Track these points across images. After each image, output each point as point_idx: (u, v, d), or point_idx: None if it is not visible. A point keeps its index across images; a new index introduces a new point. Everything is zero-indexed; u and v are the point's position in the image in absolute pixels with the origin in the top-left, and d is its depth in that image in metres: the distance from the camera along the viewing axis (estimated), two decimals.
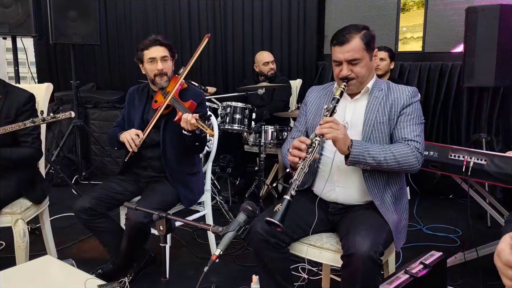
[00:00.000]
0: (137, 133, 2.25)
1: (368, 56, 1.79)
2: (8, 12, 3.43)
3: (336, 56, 1.80)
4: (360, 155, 1.65)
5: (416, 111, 1.80)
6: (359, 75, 1.79)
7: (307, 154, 1.62)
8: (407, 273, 1.77)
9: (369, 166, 1.69)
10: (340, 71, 1.79)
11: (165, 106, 2.26)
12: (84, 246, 2.90)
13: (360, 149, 1.66)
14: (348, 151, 1.65)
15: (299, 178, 1.58)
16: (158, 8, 4.95)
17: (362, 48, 1.76)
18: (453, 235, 3.09)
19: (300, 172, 1.59)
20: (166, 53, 2.34)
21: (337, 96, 1.75)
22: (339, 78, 1.81)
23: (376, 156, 1.66)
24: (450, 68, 3.98)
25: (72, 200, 3.69)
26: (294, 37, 4.61)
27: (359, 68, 1.78)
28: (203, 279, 1.34)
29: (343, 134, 1.64)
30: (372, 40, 1.80)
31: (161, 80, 2.34)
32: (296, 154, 1.64)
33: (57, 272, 1.69)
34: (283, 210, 1.50)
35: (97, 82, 5.29)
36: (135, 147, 2.23)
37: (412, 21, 4.29)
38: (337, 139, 1.63)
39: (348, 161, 1.66)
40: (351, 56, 1.75)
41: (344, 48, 1.76)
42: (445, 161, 2.31)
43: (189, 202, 2.41)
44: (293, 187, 1.55)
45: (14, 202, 2.23)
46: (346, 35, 1.76)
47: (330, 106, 1.72)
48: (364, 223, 1.66)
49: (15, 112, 2.26)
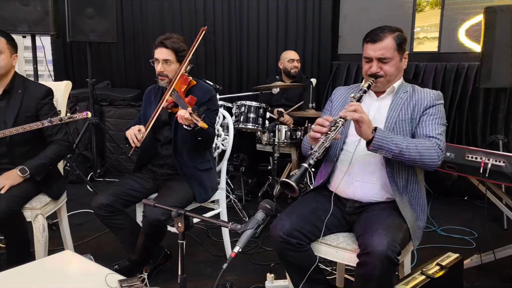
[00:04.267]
0: (139, 128, 2.26)
1: (398, 56, 1.83)
2: (28, 10, 3.48)
3: (367, 53, 1.84)
4: (383, 140, 1.67)
5: (440, 113, 1.82)
6: (388, 74, 1.83)
7: (330, 132, 1.64)
8: (423, 274, 1.77)
9: (390, 154, 1.69)
10: (370, 67, 1.84)
11: (167, 102, 2.27)
12: (99, 242, 2.94)
13: (384, 135, 1.68)
14: (371, 135, 1.67)
15: (319, 150, 1.61)
16: (174, 7, 4.98)
17: (394, 48, 1.81)
18: (468, 237, 3.06)
19: (321, 145, 1.62)
20: (170, 57, 2.33)
21: (364, 87, 1.79)
22: (368, 75, 1.85)
23: (399, 144, 1.68)
24: (467, 69, 3.94)
25: (87, 197, 3.75)
26: (309, 37, 4.60)
27: (388, 67, 1.82)
28: (221, 276, 1.35)
29: (367, 117, 1.67)
30: (404, 42, 1.85)
31: (161, 81, 2.36)
32: (318, 129, 1.68)
33: (78, 266, 1.72)
34: (299, 175, 1.54)
35: (112, 80, 5.34)
36: (138, 142, 2.24)
37: (427, 21, 4.25)
38: (362, 120, 1.65)
39: (371, 145, 1.67)
40: (382, 54, 1.80)
41: (376, 45, 1.81)
42: (462, 162, 2.29)
43: (202, 198, 2.42)
44: (312, 157, 1.59)
45: (33, 198, 2.26)
46: (380, 34, 1.81)
47: (357, 95, 1.77)
48: (381, 222, 1.66)
49: (34, 107, 2.30)
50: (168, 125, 2.40)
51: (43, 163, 2.24)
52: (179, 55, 2.35)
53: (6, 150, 2.26)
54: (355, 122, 1.68)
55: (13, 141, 2.25)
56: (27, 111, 2.28)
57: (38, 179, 2.23)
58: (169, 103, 2.29)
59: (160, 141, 2.44)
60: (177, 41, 2.35)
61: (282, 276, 2.26)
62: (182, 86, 2.34)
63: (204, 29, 2.30)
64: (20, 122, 2.22)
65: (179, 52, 2.34)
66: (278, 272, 2.31)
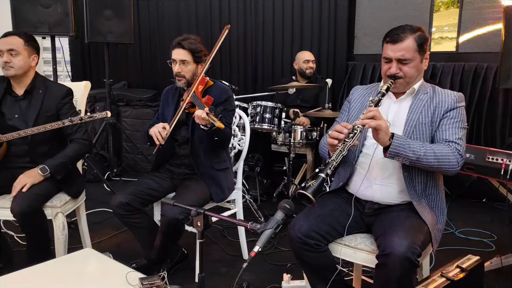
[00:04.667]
0: (164, 126, 2.28)
1: (419, 57, 1.79)
2: (48, 12, 3.54)
3: (387, 54, 1.80)
4: (400, 147, 1.65)
5: (460, 116, 1.78)
6: (407, 75, 1.79)
7: (348, 139, 1.64)
8: (443, 276, 1.75)
9: (408, 161, 1.68)
10: (389, 68, 1.80)
11: (186, 103, 2.29)
12: (116, 241, 2.97)
13: (401, 142, 1.66)
14: (389, 142, 1.65)
15: (336, 159, 1.61)
16: (190, 8, 5.01)
17: (414, 49, 1.76)
18: (487, 239, 3.02)
19: (339, 154, 1.62)
20: (187, 57, 2.34)
21: (383, 90, 1.76)
22: (387, 76, 1.81)
23: (416, 151, 1.66)
24: (485, 69, 3.88)
25: (104, 196, 3.79)
26: (325, 37, 4.59)
27: (408, 68, 1.78)
28: (240, 276, 1.35)
29: (385, 124, 1.65)
30: (425, 42, 1.80)
31: (179, 82, 2.38)
32: (335, 136, 1.67)
33: (98, 264, 1.74)
34: (317, 185, 1.54)
35: (128, 81, 5.40)
36: (162, 139, 2.26)
37: (445, 20, 4.20)
38: (380, 128, 1.63)
39: (388, 152, 1.66)
40: (402, 55, 1.76)
41: (396, 46, 1.76)
42: (482, 164, 2.27)
43: (219, 198, 2.43)
44: (330, 166, 1.59)
45: (54, 196, 2.30)
46: (401, 34, 1.76)
47: (375, 98, 1.74)
48: (401, 223, 1.65)
49: (55, 107, 2.34)
50: (185, 125, 2.42)
51: (63, 162, 2.28)
52: (196, 56, 2.36)
53: (27, 149, 2.31)
54: (373, 129, 1.67)
55: (34, 140, 2.29)
56: (48, 111, 2.32)
57: (59, 177, 2.26)
58: (186, 103, 2.31)
59: (177, 141, 2.46)
60: (194, 41, 2.36)
61: (299, 276, 2.26)
62: (199, 87, 2.36)
63: (228, 27, 2.30)
64: (41, 122, 2.26)
65: (196, 53, 2.35)
66: (295, 272, 2.31)
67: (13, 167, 2.31)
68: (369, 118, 1.65)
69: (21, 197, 2.12)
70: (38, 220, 2.18)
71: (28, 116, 2.30)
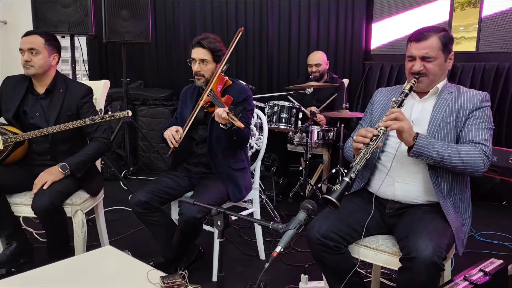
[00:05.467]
0: (177, 129, 2.29)
1: (443, 56, 1.78)
2: (68, 11, 3.58)
3: (411, 52, 1.79)
4: (424, 147, 1.64)
5: (486, 116, 1.76)
6: (431, 72, 1.77)
7: (371, 142, 1.64)
8: (466, 280, 1.71)
9: (431, 161, 1.66)
10: (413, 66, 1.79)
11: (204, 101, 2.29)
12: (134, 238, 2.98)
13: (425, 142, 1.65)
14: (413, 142, 1.64)
15: (360, 163, 1.61)
16: (206, 8, 5.03)
17: (438, 47, 1.75)
18: (508, 243, 2.96)
19: (362, 157, 1.62)
20: (206, 56, 2.34)
21: (406, 90, 1.75)
22: (411, 73, 1.80)
23: (440, 151, 1.64)
24: (507, 69, 3.81)
25: (121, 194, 3.82)
26: (341, 36, 4.56)
27: (432, 66, 1.77)
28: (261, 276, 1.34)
29: (408, 126, 1.64)
30: (450, 42, 1.79)
31: (198, 81, 2.38)
32: (360, 140, 1.66)
33: (118, 262, 1.74)
34: (341, 190, 1.54)
35: (144, 80, 5.44)
36: (176, 143, 2.26)
37: (465, 20, 4.13)
38: (402, 129, 1.63)
39: (412, 151, 1.65)
40: (426, 53, 1.75)
41: (420, 44, 1.76)
42: (505, 166, 2.23)
43: (236, 198, 2.42)
44: (354, 170, 1.59)
45: (73, 194, 2.32)
46: (425, 33, 1.76)
47: (398, 99, 1.72)
48: (425, 226, 1.62)
49: (76, 106, 2.36)
50: (203, 125, 2.42)
51: (83, 160, 2.30)
52: (215, 55, 2.36)
53: (48, 147, 2.34)
54: (396, 130, 1.66)
55: (55, 139, 2.32)
56: (68, 110, 2.35)
57: (78, 175, 2.28)
58: (205, 102, 2.31)
59: (195, 140, 2.46)
60: (213, 41, 2.36)
61: (316, 277, 2.24)
62: (219, 86, 2.36)
63: (241, 30, 2.31)
64: (61, 121, 2.29)
65: (215, 52, 2.35)
66: (312, 273, 2.29)
67: (34, 165, 2.34)
68: (391, 120, 1.64)
69: (42, 194, 2.14)
70: (59, 217, 2.20)
71: (49, 115, 2.32)
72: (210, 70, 2.36)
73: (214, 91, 2.29)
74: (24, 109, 2.35)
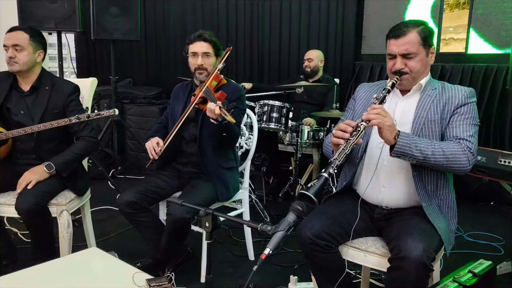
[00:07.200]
0: (158, 141, 2.28)
1: (424, 51, 1.73)
2: (55, 7, 3.52)
3: (391, 49, 1.75)
4: (406, 146, 1.59)
5: (472, 112, 1.72)
6: (413, 70, 1.73)
7: (351, 137, 1.59)
8: (455, 281, 1.71)
9: (414, 160, 1.62)
10: (394, 64, 1.74)
11: (198, 98, 2.27)
12: (121, 239, 2.94)
13: (407, 141, 1.60)
14: (394, 141, 1.60)
15: (339, 158, 1.56)
16: (196, 7, 4.99)
17: (418, 42, 1.71)
18: (496, 243, 2.98)
19: (341, 152, 1.57)
20: (209, 50, 2.36)
21: (388, 87, 1.71)
22: (392, 72, 1.76)
23: (423, 150, 1.60)
24: (495, 71, 3.83)
25: (109, 194, 3.76)
26: (332, 37, 4.55)
27: (414, 63, 1.72)
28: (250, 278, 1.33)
29: (390, 122, 1.59)
30: (430, 35, 1.74)
31: (200, 75, 2.36)
32: (340, 135, 1.63)
33: (104, 264, 1.71)
34: (319, 186, 1.49)
35: (133, 78, 5.38)
36: (155, 154, 2.26)
37: (455, 21, 4.16)
38: (383, 126, 1.58)
39: (393, 151, 1.60)
40: (405, 50, 1.71)
41: (399, 41, 1.71)
42: (494, 167, 2.23)
43: (224, 197, 2.40)
44: (333, 165, 1.54)
45: (59, 194, 2.27)
46: (403, 29, 1.71)
47: (380, 95, 1.69)
48: (415, 227, 1.60)
49: (62, 104, 2.31)
50: (194, 122, 2.39)
51: (69, 160, 2.25)
52: (217, 49, 2.40)
53: (33, 146, 2.29)
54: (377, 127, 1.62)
55: (40, 137, 2.27)
56: (54, 108, 2.30)
57: (65, 175, 2.24)
58: (198, 97, 2.28)
59: (185, 138, 2.43)
60: (213, 35, 2.41)
61: (306, 278, 2.23)
62: (213, 82, 2.34)
63: (230, 49, 2.32)
64: (47, 119, 2.24)
65: (217, 45, 2.40)
66: (302, 274, 2.28)
67: (19, 164, 2.29)
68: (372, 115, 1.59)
69: (26, 194, 2.09)
70: (43, 217, 2.15)
71: (34, 113, 2.27)
72: (213, 63, 2.38)
73: (207, 87, 2.28)
74: (7, 107, 2.29)
